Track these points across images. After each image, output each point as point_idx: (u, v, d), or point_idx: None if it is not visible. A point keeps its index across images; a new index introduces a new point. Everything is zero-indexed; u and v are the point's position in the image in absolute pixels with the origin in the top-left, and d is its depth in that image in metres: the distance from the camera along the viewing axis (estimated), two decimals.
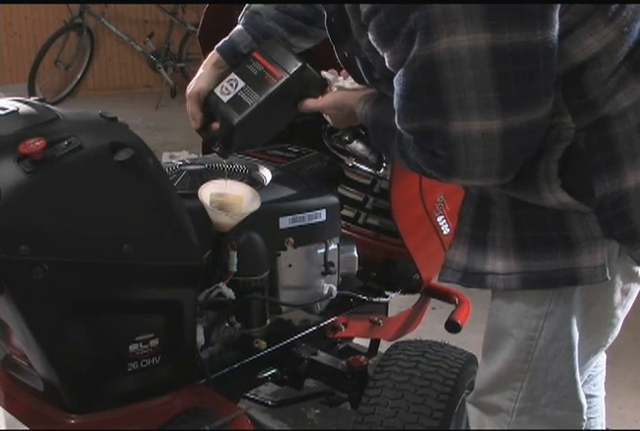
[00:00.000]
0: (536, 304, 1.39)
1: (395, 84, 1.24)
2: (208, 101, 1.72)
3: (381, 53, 1.27)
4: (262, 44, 1.69)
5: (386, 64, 1.27)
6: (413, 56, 1.18)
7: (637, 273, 1.41)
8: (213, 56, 1.74)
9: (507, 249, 1.36)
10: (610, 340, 1.49)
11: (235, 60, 1.72)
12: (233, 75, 1.69)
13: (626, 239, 1.30)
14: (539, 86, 1.19)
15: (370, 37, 1.27)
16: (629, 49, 1.25)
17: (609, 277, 1.33)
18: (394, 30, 1.20)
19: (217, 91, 1.69)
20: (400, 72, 1.22)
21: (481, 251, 1.40)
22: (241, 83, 1.67)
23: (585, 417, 1.48)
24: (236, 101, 1.66)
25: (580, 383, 1.45)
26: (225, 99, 1.67)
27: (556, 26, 1.17)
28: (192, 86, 1.73)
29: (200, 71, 1.74)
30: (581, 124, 1.27)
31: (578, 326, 1.40)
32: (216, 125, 1.72)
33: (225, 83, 1.69)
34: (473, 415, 1.55)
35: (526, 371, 1.43)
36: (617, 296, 1.41)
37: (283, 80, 1.63)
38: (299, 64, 1.63)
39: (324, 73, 1.65)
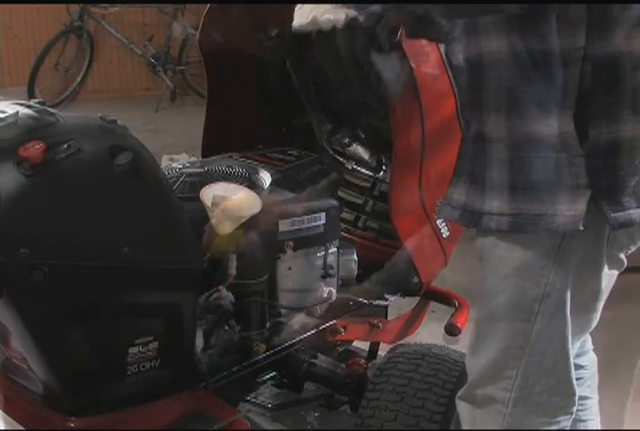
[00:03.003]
0: (532, 284, 1.39)
1: None
2: None
3: None
4: None
5: None
6: None
7: (621, 260, 1.45)
8: None
9: (502, 190, 1.37)
10: (593, 325, 1.51)
11: None
12: None
13: (609, 192, 1.32)
14: None
15: None
16: None
17: (582, 228, 1.33)
18: None
19: None
20: None
21: (480, 190, 1.40)
22: None
23: (577, 401, 1.48)
24: None
25: (573, 368, 1.46)
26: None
27: None
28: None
29: None
30: (590, 47, 1.26)
31: (570, 310, 1.41)
32: None
33: None
34: (464, 411, 1.52)
35: (522, 357, 1.41)
36: (605, 281, 1.44)
37: None
38: None
39: None
